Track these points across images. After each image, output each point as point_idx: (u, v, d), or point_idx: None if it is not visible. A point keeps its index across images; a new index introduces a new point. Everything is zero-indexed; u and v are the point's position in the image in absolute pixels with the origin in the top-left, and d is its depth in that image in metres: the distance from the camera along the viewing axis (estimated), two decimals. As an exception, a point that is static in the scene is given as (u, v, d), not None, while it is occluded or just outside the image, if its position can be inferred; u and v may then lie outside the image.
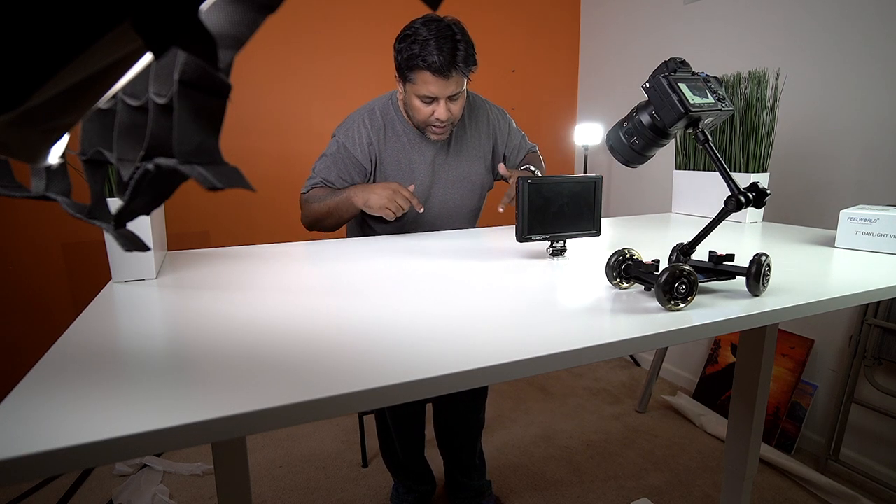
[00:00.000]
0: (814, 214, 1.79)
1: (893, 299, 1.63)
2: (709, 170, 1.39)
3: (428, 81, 1.13)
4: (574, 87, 2.92)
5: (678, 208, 1.50)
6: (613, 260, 0.71)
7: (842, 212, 0.97)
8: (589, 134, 2.51)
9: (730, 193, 0.66)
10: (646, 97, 0.69)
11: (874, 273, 0.79)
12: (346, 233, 1.47)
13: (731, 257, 0.71)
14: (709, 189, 1.38)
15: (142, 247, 0.27)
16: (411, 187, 1.20)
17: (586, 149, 2.63)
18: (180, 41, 0.17)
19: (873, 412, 1.67)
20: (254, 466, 1.78)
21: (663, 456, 1.83)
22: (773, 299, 0.65)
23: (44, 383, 0.43)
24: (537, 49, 2.74)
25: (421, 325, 0.57)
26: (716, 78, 0.71)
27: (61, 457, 0.33)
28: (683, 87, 0.66)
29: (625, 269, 0.71)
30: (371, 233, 1.36)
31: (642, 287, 0.71)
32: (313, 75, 2.26)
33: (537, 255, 0.94)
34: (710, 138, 0.69)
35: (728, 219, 0.94)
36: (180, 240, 2.10)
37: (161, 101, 0.22)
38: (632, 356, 2.62)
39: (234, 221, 2.22)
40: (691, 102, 0.65)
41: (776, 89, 1.34)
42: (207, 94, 0.20)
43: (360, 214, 1.25)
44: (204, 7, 0.19)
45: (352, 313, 0.62)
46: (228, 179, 0.21)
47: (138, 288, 0.75)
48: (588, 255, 0.94)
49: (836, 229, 1.00)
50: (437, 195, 1.34)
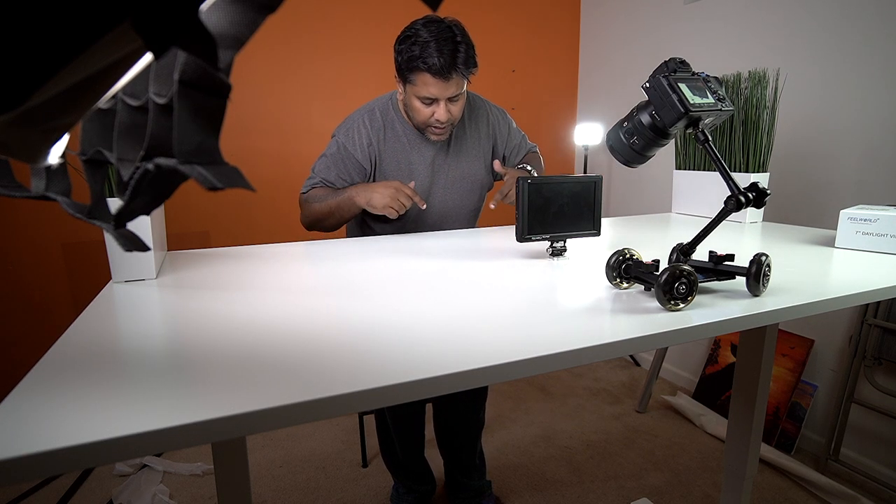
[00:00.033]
0: (814, 214, 1.79)
1: (893, 299, 1.63)
2: (709, 170, 1.39)
3: (428, 83, 1.13)
4: (574, 87, 2.92)
5: (678, 208, 1.50)
6: (613, 260, 0.71)
7: (842, 212, 0.97)
8: (589, 134, 2.51)
9: (730, 193, 0.66)
10: (646, 97, 0.69)
11: (874, 273, 0.79)
12: (345, 233, 1.47)
13: (731, 257, 0.71)
14: (709, 189, 1.38)
15: (142, 247, 0.27)
16: (412, 184, 1.21)
17: (586, 149, 2.63)
18: (180, 41, 0.17)
19: (873, 412, 1.67)
20: (254, 466, 1.78)
21: (663, 456, 1.83)
22: (773, 299, 0.65)
23: (44, 383, 0.43)
24: (537, 49, 2.74)
25: (421, 325, 0.57)
26: (716, 78, 0.71)
27: (61, 457, 0.33)
28: (683, 87, 0.66)
29: (625, 269, 0.71)
30: (371, 233, 1.36)
31: (642, 287, 0.71)
32: (313, 75, 2.26)
33: (537, 255, 0.94)
34: (710, 138, 0.69)
35: (728, 219, 0.94)
36: (180, 240, 2.10)
37: (161, 101, 0.22)
38: (632, 356, 2.62)
39: (234, 221, 2.22)
40: (691, 102, 0.65)
41: (776, 89, 1.34)
42: (207, 94, 0.20)
43: (360, 214, 1.25)
44: (204, 7, 0.19)
45: (352, 313, 0.62)
46: (228, 179, 0.21)
47: (138, 288, 0.75)
48: (588, 255, 0.94)
49: (836, 229, 1.00)
50: (436, 195, 1.34)
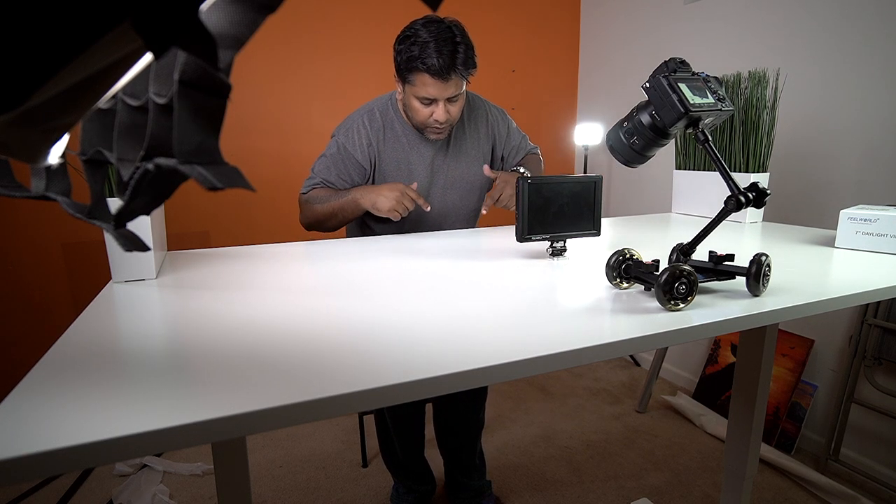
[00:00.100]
0: (814, 214, 1.79)
1: (893, 299, 1.63)
2: (709, 170, 1.39)
3: (427, 83, 1.13)
4: (574, 87, 2.92)
5: (678, 208, 1.50)
6: (613, 260, 0.71)
7: (842, 212, 0.97)
8: (589, 134, 2.51)
9: (730, 193, 0.66)
10: (646, 97, 0.69)
11: (874, 273, 0.79)
12: (345, 233, 1.47)
13: (731, 257, 0.71)
14: (709, 189, 1.38)
15: (142, 247, 0.27)
16: (414, 185, 1.21)
17: (586, 149, 2.63)
18: (180, 41, 0.17)
19: (873, 412, 1.67)
20: (254, 466, 1.78)
21: (663, 456, 1.83)
22: (773, 299, 0.65)
23: (44, 383, 0.43)
24: (537, 49, 2.74)
25: (421, 325, 0.57)
26: (716, 78, 0.71)
27: (61, 457, 0.33)
28: (683, 87, 0.66)
29: (625, 269, 0.71)
30: (371, 233, 1.36)
31: (642, 287, 0.71)
32: (313, 75, 2.26)
33: (537, 255, 0.94)
34: (710, 138, 0.69)
35: (728, 219, 0.94)
36: (180, 240, 2.10)
37: (161, 101, 0.22)
38: (632, 356, 2.62)
39: (234, 221, 2.22)
40: (691, 102, 0.65)
41: (776, 89, 1.34)
42: (207, 94, 0.20)
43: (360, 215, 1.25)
44: (204, 7, 0.19)
45: (352, 313, 0.62)
46: (228, 179, 0.21)
47: (138, 288, 0.75)
48: (588, 255, 0.94)
49: (836, 229, 1.00)
50: (436, 195, 1.34)
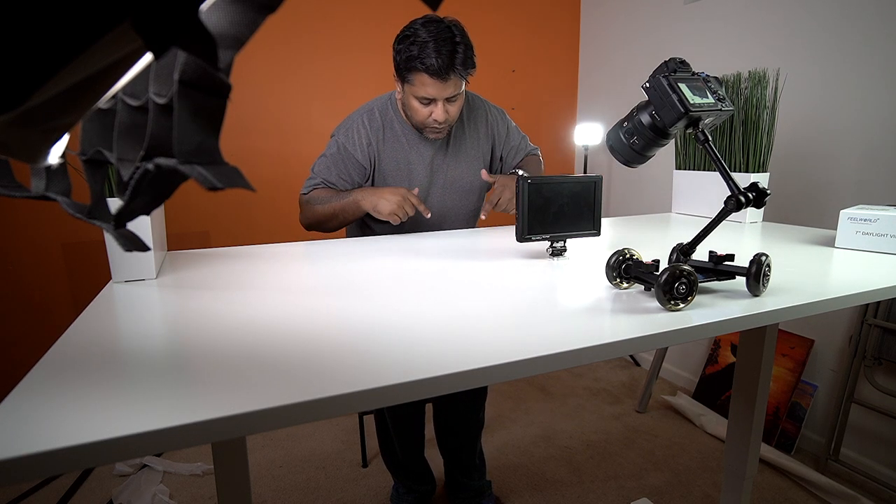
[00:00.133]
0: (814, 214, 1.79)
1: (893, 299, 1.63)
2: (709, 170, 1.39)
3: (426, 83, 1.13)
4: (574, 87, 2.92)
5: (678, 208, 1.50)
6: (613, 260, 0.71)
7: (842, 212, 0.97)
8: (589, 134, 2.51)
9: (730, 193, 0.66)
10: (646, 97, 0.69)
11: (874, 273, 0.79)
12: (346, 233, 1.47)
13: (731, 257, 0.71)
14: (709, 189, 1.38)
15: (142, 247, 0.27)
16: (415, 190, 1.21)
17: (586, 149, 2.63)
18: (180, 41, 0.17)
19: (873, 412, 1.67)
20: (254, 466, 1.78)
21: (663, 456, 1.83)
22: (773, 299, 0.65)
23: (44, 383, 0.43)
24: (537, 49, 2.74)
25: (421, 325, 0.57)
26: (716, 78, 0.71)
27: (61, 457, 0.33)
28: (683, 87, 0.66)
29: (625, 269, 0.71)
30: (371, 233, 1.36)
31: (642, 287, 0.71)
32: (313, 75, 2.26)
33: (537, 255, 0.94)
34: (710, 138, 0.69)
35: (728, 219, 0.94)
36: (180, 240, 2.10)
37: (161, 101, 0.22)
38: (632, 356, 2.62)
39: (234, 221, 2.22)
40: (691, 102, 0.65)
41: (776, 89, 1.34)
42: (207, 94, 0.20)
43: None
44: (204, 7, 0.19)
45: (352, 313, 0.62)
46: (228, 179, 0.21)
47: (138, 288, 0.75)
48: (588, 255, 0.94)
49: (836, 229, 1.00)
50: (435, 196, 1.34)
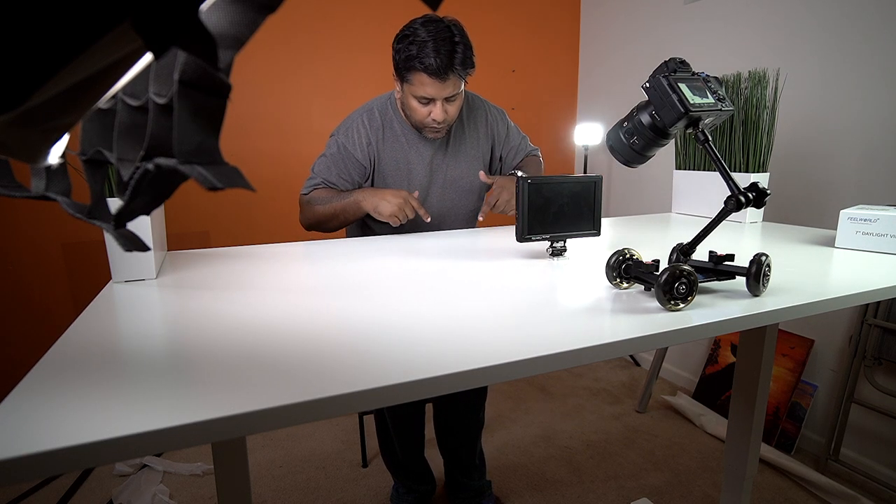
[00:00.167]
0: (814, 214, 1.79)
1: (893, 299, 1.63)
2: (709, 170, 1.39)
3: (424, 83, 1.13)
4: (574, 87, 2.92)
5: (678, 208, 1.50)
6: (613, 260, 0.71)
7: (842, 212, 0.97)
8: (589, 134, 2.51)
9: (730, 193, 0.66)
10: (646, 97, 0.69)
11: (874, 273, 0.79)
12: (346, 233, 1.47)
13: (731, 257, 0.71)
14: (709, 189, 1.38)
15: (142, 247, 0.27)
16: (416, 194, 1.21)
17: (586, 149, 2.63)
18: (180, 41, 0.17)
19: (873, 412, 1.67)
20: (254, 466, 1.78)
21: (663, 456, 1.83)
22: (773, 299, 0.65)
23: (44, 383, 0.43)
24: (537, 49, 2.74)
25: (421, 325, 0.57)
26: (716, 78, 0.71)
27: (61, 457, 0.33)
28: (683, 87, 0.66)
29: (625, 269, 0.71)
30: (371, 233, 1.36)
31: (642, 287, 0.71)
32: (313, 75, 2.26)
33: (537, 255, 0.94)
34: (710, 138, 0.69)
35: (728, 219, 0.94)
36: (180, 240, 2.10)
37: (161, 101, 0.22)
38: (632, 356, 2.62)
39: (234, 221, 2.22)
40: (691, 102, 0.65)
41: (776, 89, 1.34)
42: (207, 94, 0.20)
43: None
44: (204, 7, 0.19)
45: (352, 313, 0.62)
46: (228, 179, 0.21)
47: (138, 288, 0.75)
48: (588, 255, 0.94)
49: (836, 229, 1.00)
50: (435, 195, 1.34)
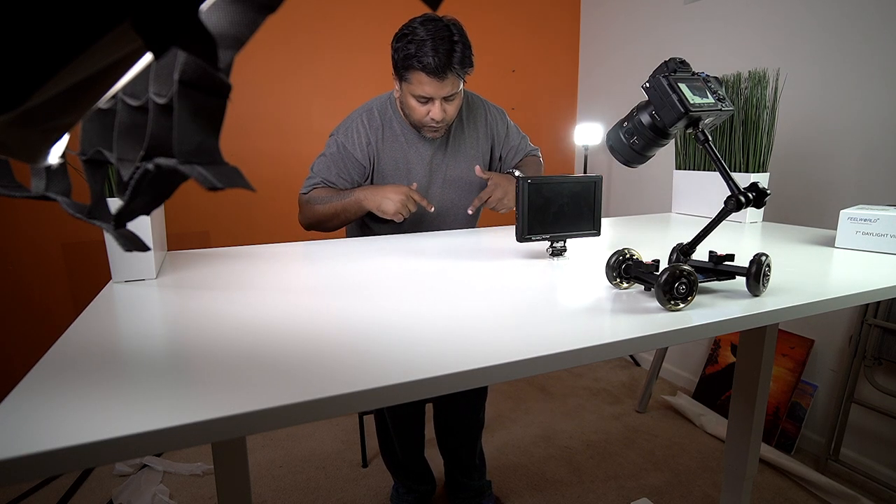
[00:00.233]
0: (814, 214, 1.79)
1: (893, 299, 1.63)
2: (709, 170, 1.39)
3: (423, 82, 1.13)
4: (574, 87, 2.92)
5: (678, 208, 1.50)
6: (613, 260, 0.71)
7: (842, 212, 0.97)
8: (589, 134, 2.51)
9: (730, 193, 0.66)
10: (646, 97, 0.69)
11: (874, 273, 0.79)
12: (345, 233, 1.47)
13: (731, 257, 0.71)
14: (709, 189, 1.38)
15: (142, 247, 0.27)
16: (414, 185, 1.21)
17: (586, 149, 2.63)
18: (180, 41, 0.17)
19: (873, 412, 1.67)
20: (254, 466, 1.78)
21: (663, 456, 1.83)
22: (773, 299, 0.65)
23: (44, 383, 0.43)
24: (537, 49, 2.74)
25: (421, 325, 0.57)
26: (716, 78, 0.71)
27: (61, 457, 0.33)
28: (683, 87, 0.66)
29: (625, 269, 0.71)
30: (371, 233, 1.36)
31: (642, 287, 0.71)
32: (313, 75, 2.26)
33: (537, 255, 0.94)
34: (710, 138, 0.69)
35: (728, 219, 0.94)
36: (180, 240, 2.10)
37: (161, 101, 0.22)
38: (632, 356, 2.62)
39: (234, 221, 2.22)
40: (691, 102, 0.65)
41: (776, 89, 1.34)
42: (207, 94, 0.20)
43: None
44: (204, 7, 0.19)
45: (352, 313, 0.62)
46: (228, 179, 0.21)
47: (138, 288, 0.75)
48: (588, 255, 0.94)
49: (836, 229, 1.00)
50: (434, 194, 1.34)
